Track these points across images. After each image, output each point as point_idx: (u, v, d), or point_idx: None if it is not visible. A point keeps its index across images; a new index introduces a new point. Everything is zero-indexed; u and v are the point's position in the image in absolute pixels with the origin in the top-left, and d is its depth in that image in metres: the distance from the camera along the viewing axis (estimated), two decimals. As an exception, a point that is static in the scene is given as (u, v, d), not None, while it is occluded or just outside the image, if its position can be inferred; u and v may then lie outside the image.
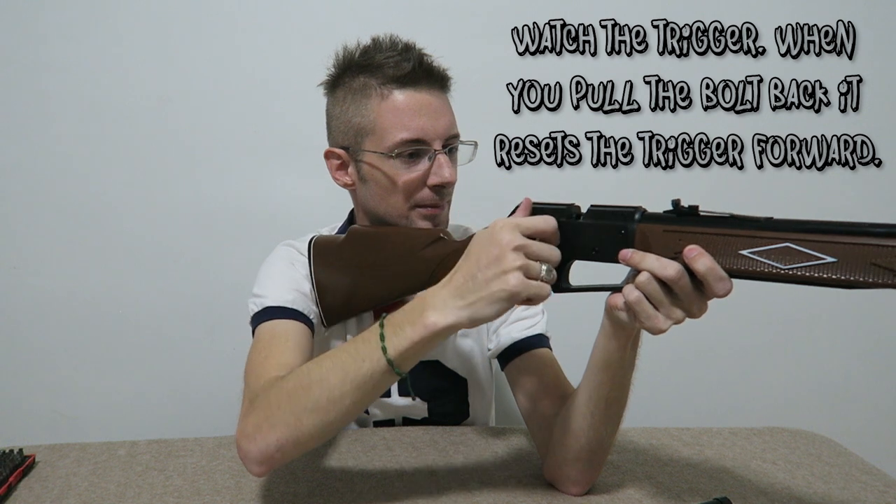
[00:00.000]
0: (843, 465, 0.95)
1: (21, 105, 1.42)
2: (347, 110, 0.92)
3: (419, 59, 0.89)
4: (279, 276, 0.94)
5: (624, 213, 0.68)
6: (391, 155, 0.88)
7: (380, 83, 0.89)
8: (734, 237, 0.61)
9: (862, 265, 0.54)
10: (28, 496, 0.82)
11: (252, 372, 0.83)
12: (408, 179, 0.90)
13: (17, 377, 1.50)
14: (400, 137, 0.88)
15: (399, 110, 0.88)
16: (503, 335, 0.98)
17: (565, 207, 0.73)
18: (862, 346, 1.68)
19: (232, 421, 1.35)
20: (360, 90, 0.91)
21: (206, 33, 1.44)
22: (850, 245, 0.55)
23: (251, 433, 0.73)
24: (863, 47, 1.56)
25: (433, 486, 0.85)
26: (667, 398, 1.64)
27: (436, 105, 0.90)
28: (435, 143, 0.89)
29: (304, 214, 1.44)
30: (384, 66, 0.89)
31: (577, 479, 0.83)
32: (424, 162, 0.90)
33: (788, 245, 0.57)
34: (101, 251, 1.48)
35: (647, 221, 0.66)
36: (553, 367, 0.95)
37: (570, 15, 1.52)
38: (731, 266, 0.61)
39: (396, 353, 0.70)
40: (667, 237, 0.64)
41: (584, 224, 0.71)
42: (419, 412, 1.06)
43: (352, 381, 0.70)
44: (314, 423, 0.71)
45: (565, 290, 0.74)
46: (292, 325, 0.88)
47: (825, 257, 0.56)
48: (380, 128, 0.89)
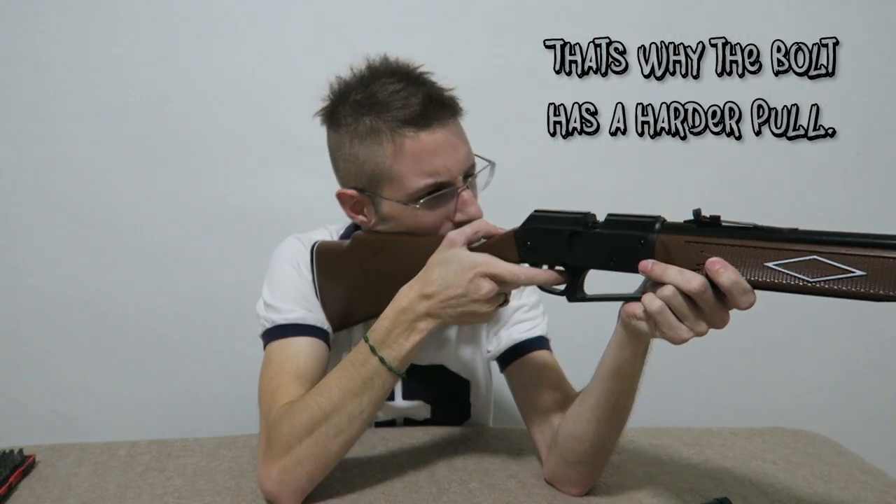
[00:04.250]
0: (843, 465, 0.95)
1: (21, 105, 1.42)
2: (357, 154, 0.87)
3: (427, 93, 0.84)
4: (288, 285, 0.92)
5: (643, 222, 0.66)
6: (413, 204, 0.85)
7: (390, 128, 0.83)
8: (759, 249, 0.59)
9: (892, 279, 0.53)
10: (28, 496, 0.82)
11: (265, 401, 0.84)
12: (433, 222, 0.87)
13: (17, 377, 1.50)
14: (422, 184, 0.84)
15: (416, 155, 0.83)
16: (503, 337, 0.98)
17: (581, 216, 0.72)
18: (862, 346, 1.68)
19: (232, 421, 1.35)
20: (368, 134, 0.85)
21: (206, 33, 1.44)
22: (880, 259, 0.53)
23: (278, 477, 0.77)
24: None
25: (433, 486, 0.85)
26: (667, 398, 1.63)
27: (452, 140, 0.85)
28: (457, 179, 0.86)
29: (304, 214, 1.44)
30: (390, 105, 0.83)
31: (578, 480, 0.83)
32: (448, 201, 0.86)
33: (816, 258, 0.56)
34: (101, 251, 1.48)
35: (668, 232, 0.65)
36: (554, 369, 0.95)
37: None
38: (756, 278, 0.59)
39: (398, 362, 0.78)
40: (689, 248, 0.63)
41: (600, 234, 0.69)
42: (422, 413, 1.06)
43: (368, 399, 0.78)
44: (340, 443, 0.78)
45: (581, 300, 0.73)
46: (304, 342, 0.88)
47: (854, 271, 0.54)
48: (398, 175, 0.84)
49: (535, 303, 1.02)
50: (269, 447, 0.78)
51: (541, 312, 1.01)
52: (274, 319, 0.90)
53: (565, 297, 0.75)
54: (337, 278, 0.92)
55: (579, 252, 0.71)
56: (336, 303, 0.92)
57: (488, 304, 0.75)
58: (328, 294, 0.92)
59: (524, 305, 1.00)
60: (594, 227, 0.71)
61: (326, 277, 0.92)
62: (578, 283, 0.74)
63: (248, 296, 0.99)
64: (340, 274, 0.92)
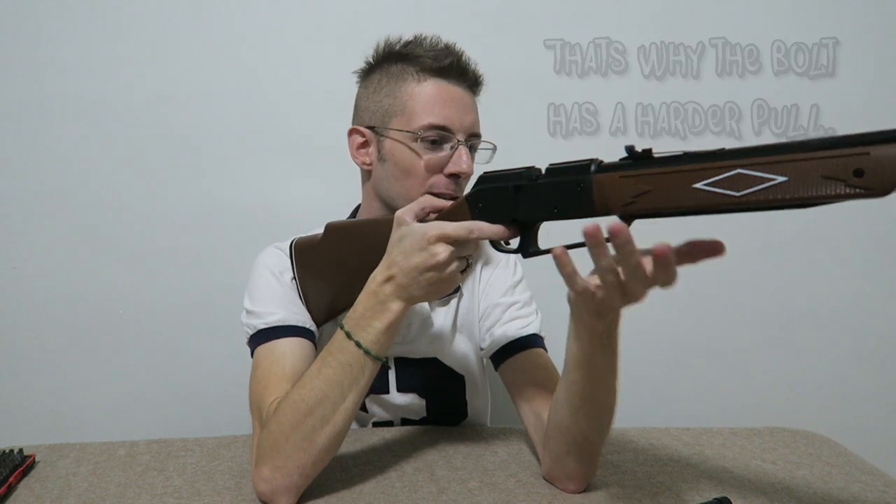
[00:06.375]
0: (843, 465, 0.95)
1: (21, 105, 1.42)
2: (380, 92, 0.95)
3: (458, 56, 0.94)
4: (266, 291, 0.95)
5: (579, 166, 0.68)
6: (417, 135, 0.91)
7: (417, 70, 0.93)
8: (687, 172, 0.60)
9: (813, 180, 0.52)
10: (28, 496, 0.82)
11: (255, 404, 0.86)
12: (428, 161, 0.92)
13: (17, 377, 1.50)
14: (428, 121, 0.91)
15: (431, 96, 0.92)
16: (497, 335, 0.99)
17: (524, 170, 0.73)
18: (862, 346, 1.68)
19: (231, 421, 1.35)
20: (396, 74, 0.94)
21: (206, 33, 1.44)
22: (798, 162, 0.53)
23: (270, 476, 0.77)
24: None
25: (433, 486, 0.85)
26: (667, 398, 1.63)
27: (466, 101, 0.95)
28: (459, 134, 0.93)
29: (304, 214, 1.44)
30: (423, 56, 0.93)
31: (571, 474, 0.83)
32: (446, 150, 0.93)
33: (739, 171, 0.56)
34: (101, 251, 1.48)
35: (603, 171, 0.66)
36: (547, 367, 0.95)
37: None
38: (686, 202, 0.60)
39: (374, 345, 0.79)
40: (623, 182, 0.64)
41: (542, 184, 0.71)
42: (418, 411, 1.06)
43: (350, 386, 0.79)
44: (327, 435, 0.78)
45: (534, 255, 0.74)
46: (289, 343, 0.90)
47: (776, 177, 0.54)
48: (410, 109, 0.92)
49: (527, 300, 1.02)
50: (259, 448, 0.79)
51: (534, 310, 1.02)
52: (256, 325, 0.92)
53: (520, 255, 0.76)
54: (316, 271, 0.93)
55: (526, 205, 0.72)
56: (319, 297, 0.93)
57: (449, 269, 0.76)
58: (310, 289, 0.94)
59: (516, 303, 1.01)
60: (538, 179, 0.72)
61: (306, 272, 0.94)
62: (531, 238, 0.75)
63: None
64: (318, 267, 0.93)
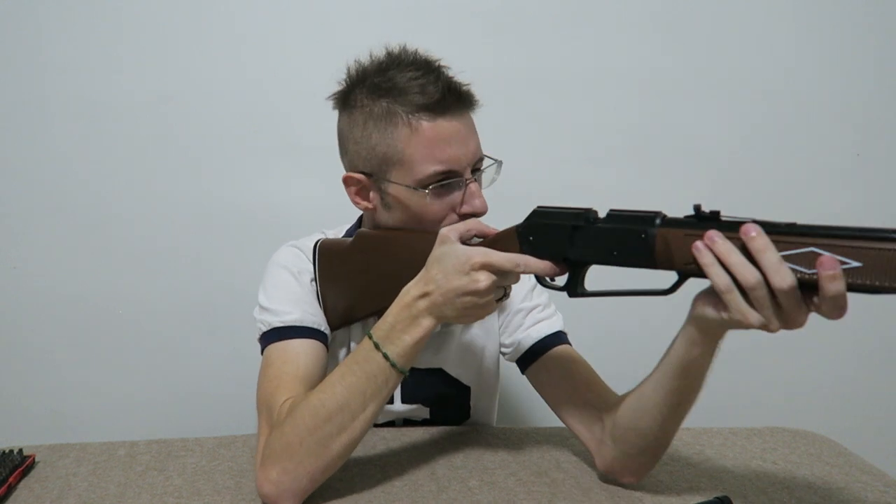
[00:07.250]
0: (843, 465, 0.95)
1: (21, 105, 1.42)
2: (370, 137, 0.87)
3: (447, 83, 0.84)
4: (284, 290, 0.92)
5: (644, 217, 0.67)
6: (422, 189, 0.85)
7: (407, 112, 0.84)
8: None
9: (888, 270, 0.53)
10: (28, 496, 0.82)
11: (265, 403, 0.83)
12: (439, 211, 0.87)
13: (17, 377, 1.50)
14: (432, 170, 0.84)
15: (430, 141, 0.84)
16: (522, 339, 0.97)
17: (583, 211, 0.73)
18: (862, 346, 1.68)
19: (232, 421, 1.35)
20: (384, 117, 0.85)
21: (206, 33, 1.44)
22: (876, 250, 0.54)
23: (277, 478, 0.76)
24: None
25: (433, 485, 0.85)
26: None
27: (465, 131, 0.87)
28: (465, 171, 0.87)
29: (305, 214, 1.44)
30: (408, 90, 0.84)
31: (636, 469, 0.83)
32: (455, 192, 0.87)
33: (813, 249, 0.56)
34: (101, 251, 1.48)
35: (668, 226, 0.65)
36: (580, 362, 0.94)
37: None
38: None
39: (401, 358, 0.77)
40: (688, 241, 0.63)
41: (602, 228, 0.70)
42: (420, 415, 1.06)
43: (372, 396, 0.77)
44: (342, 443, 0.77)
45: (581, 295, 0.74)
46: (303, 344, 0.88)
47: (850, 262, 0.55)
48: (409, 159, 0.85)
49: (546, 301, 1.01)
50: (268, 448, 0.77)
51: (554, 310, 1.01)
52: (271, 322, 0.89)
53: (566, 293, 0.75)
54: (339, 276, 0.92)
55: (581, 246, 0.72)
56: (337, 301, 0.92)
57: (487, 297, 0.74)
58: (329, 292, 0.92)
59: (538, 306, 1.00)
60: (596, 222, 0.71)
61: (328, 275, 0.92)
62: (579, 279, 0.75)
63: (248, 296, 0.99)
64: (343, 271, 0.92)
